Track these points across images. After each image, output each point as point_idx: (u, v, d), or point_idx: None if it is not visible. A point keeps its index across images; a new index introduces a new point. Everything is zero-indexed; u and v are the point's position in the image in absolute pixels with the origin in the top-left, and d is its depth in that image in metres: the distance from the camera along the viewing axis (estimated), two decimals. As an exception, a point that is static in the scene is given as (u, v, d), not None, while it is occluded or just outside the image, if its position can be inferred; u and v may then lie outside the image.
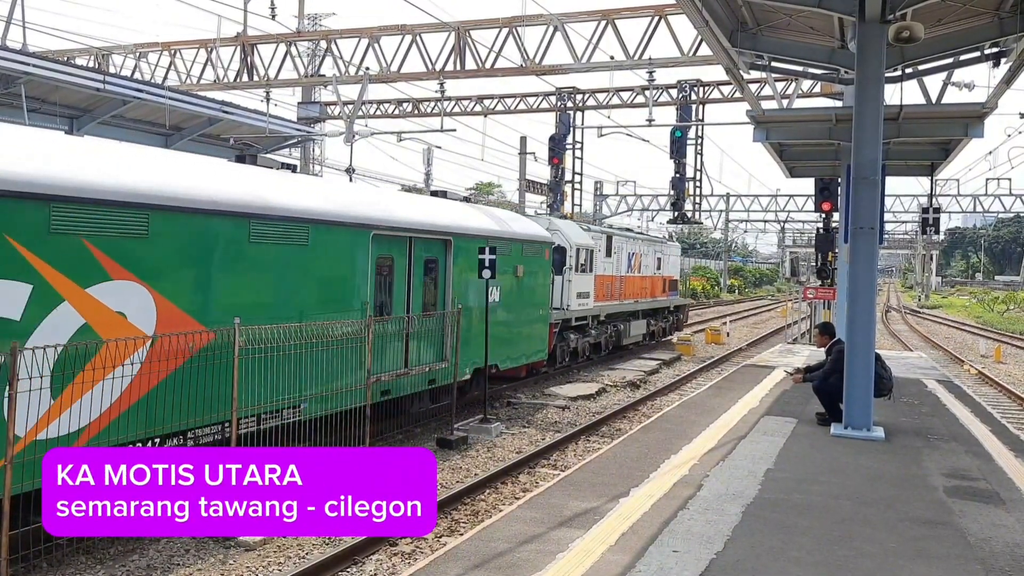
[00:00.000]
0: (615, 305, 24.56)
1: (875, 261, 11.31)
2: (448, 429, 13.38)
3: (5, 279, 7.22)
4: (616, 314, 24.53)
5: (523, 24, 23.58)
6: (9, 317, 7.21)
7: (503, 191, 65.00)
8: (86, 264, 7.84)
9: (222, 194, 9.46)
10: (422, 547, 8.47)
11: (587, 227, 24.15)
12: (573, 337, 21.37)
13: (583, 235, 22.42)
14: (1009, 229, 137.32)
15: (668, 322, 30.35)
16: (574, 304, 21.27)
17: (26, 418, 7.01)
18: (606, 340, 23.70)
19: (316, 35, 28.04)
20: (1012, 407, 18.83)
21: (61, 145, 8.55)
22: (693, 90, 29.11)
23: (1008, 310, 59.19)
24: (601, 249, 23.63)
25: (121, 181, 8.33)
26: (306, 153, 36.17)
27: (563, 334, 20.60)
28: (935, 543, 6.78)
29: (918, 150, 18.30)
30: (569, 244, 21.16)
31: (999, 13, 11.92)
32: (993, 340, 35.18)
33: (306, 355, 10.03)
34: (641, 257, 27.91)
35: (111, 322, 8.00)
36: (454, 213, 15.06)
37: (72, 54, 28.60)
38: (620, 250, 25.67)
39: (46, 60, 20.62)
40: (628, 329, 25.32)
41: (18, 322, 7.27)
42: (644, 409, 17.06)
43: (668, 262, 31.77)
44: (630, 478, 8.81)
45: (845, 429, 11.02)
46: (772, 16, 12.66)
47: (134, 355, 8.00)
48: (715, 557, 6.27)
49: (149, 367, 8.19)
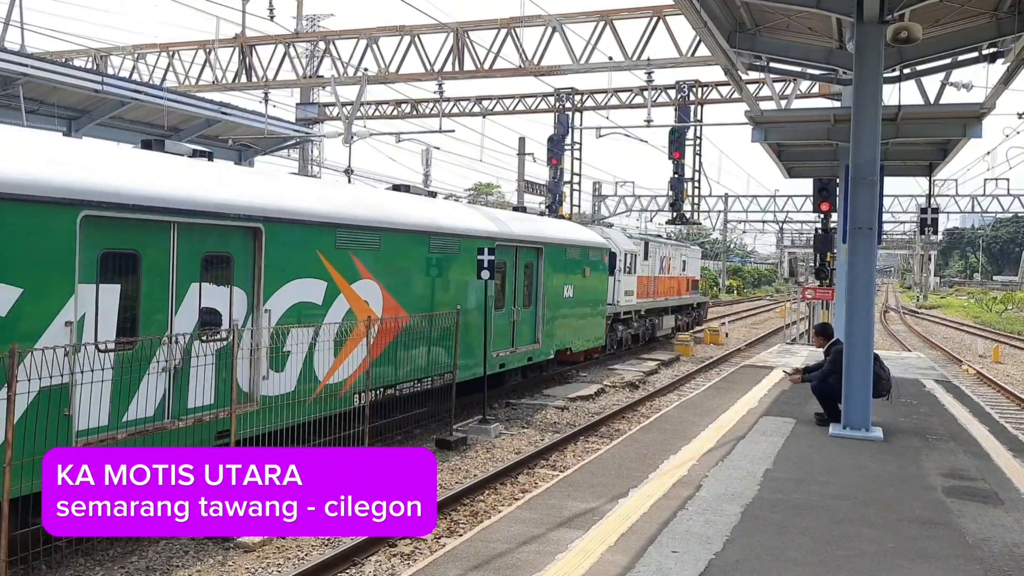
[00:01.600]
0: (651, 302, 28.31)
1: (873, 261, 11.32)
2: (447, 430, 13.38)
3: (314, 278, 11.00)
4: (651, 310, 28.40)
5: (521, 25, 23.60)
6: (314, 302, 10.95)
7: (502, 192, 65.00)
8: (351, 268, 11.70)
9: (417, 219, 13.69)
10: (421, 548, 8.47)
11: (629, 235, 28.32)
12: (620, 328, 25.08)
13: (628, 241, 26.32)
14: (1007, 229, 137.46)
15: (691, 317, 34.50)
16: (622, 301, 25.04)
17: (323, 368, 10.92)
18: (644, 332, 27.50)
19: (314, 36, 28.04)
20: (1010, 407, 18.86)
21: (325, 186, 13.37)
22: (691, 91, 29.12)
23: (1006, 310, 59.27)
24: (640, 253, 27.35)
25: (371, 215, 12.49)
26: (304, 154, 36.17)
27: (613, 326, 24.00)
28: (934, 543, 6.79)
29: (916, 150, 18.32)
30: (619, 250, 24.70)
31: (997, 13, 11.93)
32: (991, 340, 35.21)
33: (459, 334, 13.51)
34: (670, 260, 32.04)
35: (361, 307, 11.87)
36: (542, 226, 19.12)
37: (70, 55, 28.59)
38: (654, 254, 29.47)
39: (44, 61, 20.61)
40: (661, 323, 29.58)
41: (319, 306, 11.04)
42: (643, 410, 17.07)
43: (691, 264, 35.68)
44: (629, 479, 8.81)
45: (844, 429, 11.03)
46: (770, 17, 12.67)
47: (372, 330, 11.25)
48: (714, 557, 6.28)
49: (373, 339, 11.33)
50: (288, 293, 10.49)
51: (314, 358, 10.76)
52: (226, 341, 9.34)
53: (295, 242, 10.63)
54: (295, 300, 10.59)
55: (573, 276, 19.69)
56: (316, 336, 10.82)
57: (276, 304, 10.24)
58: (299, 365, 10.53)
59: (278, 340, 10.09)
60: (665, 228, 51.75)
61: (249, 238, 9.90)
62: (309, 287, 10.90)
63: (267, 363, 9.98)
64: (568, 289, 19.44)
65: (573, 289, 19.69)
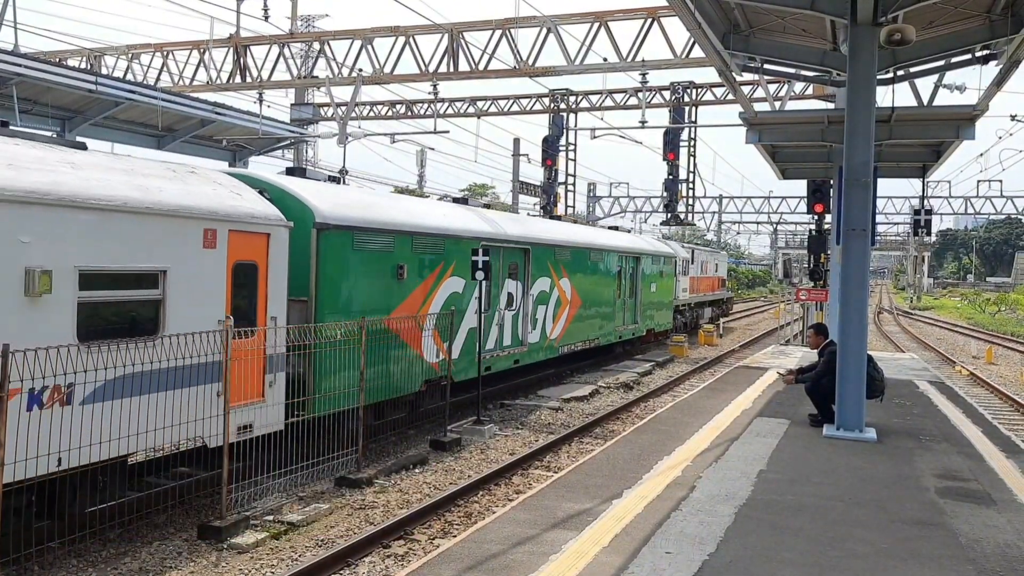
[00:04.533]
0: (697, 296, 36.64)
1: (867, 262, 11.34)
2: (441, 431, 13.37)
3: (546, 277, 18.97)
4: (697, 303, 36.86)
5: (516, 26, 23.58)
6: (545, 291, 18.89)
7: (496, 192, 64.95)
8: (559, 271, 19.70)
9: (584, 239, 22.25)
10: (415, 549, 8.46)
11: (682, 244, 36.35)
12: (677, 316, 32.60)
13: (682, 250, 34.30)
14: (1000, 231, 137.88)
15: (722, 309, 43.48)
16: (680, 296, 33.00)
17: (549, 328, 19.31)
18: (691, 320, 35.59)
19: (309, 36, 27.99)
20: (1003, 408, 18.92)
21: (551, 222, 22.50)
22: (686, 92, 29.17)
23: (999, 311, 59.50)
24: (689, 258, 35.19)
25: (568, 239, 20.77)
26: (299, 155, 36.12)
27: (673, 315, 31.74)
28: (927, 544, 6.80)
29: (910, 152, 18.38)
30: (678, 256, 32.45)
31: (990, 16, 11.96)
32: (984, 341, 35.32)
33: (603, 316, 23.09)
34: (707, 263, 39.90)
35: (564, 295, 20.16)
36: (641, 242, 28.56)
37: (64, 55, 28.51)
38: (698, 259, 37.47)
39: (38, 61, 20.53)
40: (702, 313, 38.03)
41: (548, 293, 18.97)
42: (637, 410, 17.09)
43: (721, 266, 44.45)
44: (623, 479, 8.82)
45: (837, 430, 11.05)
46: (764, 18, 12.69)
47: (567, 306, 20.16)
48: (708, 558, 6.29)
49: (568, 313, 20.34)
50: (538, 285, 18.79)
51: (546, 323, 19.32)
52: (517, 310, 17.82)
53: (541, 256, 18.91)
54: (540, 289, 18.88)
55: (656, 277, 28.26)
56: (547, 310, 19.28)
57: (533, 291, 18.52)
58: (540, 326, 18.99)
59: (533, 312, 18.54)
60: (659, 229, 51.81)
61: (523, 254, 18.09)
62: (544, 282, 19.19)
63: (530, 324, 18.38)
64: (653, 286, 27.93)
65: (655, 287, 28.22)
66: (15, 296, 7.10)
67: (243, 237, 9.66)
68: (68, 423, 7.39)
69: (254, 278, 9.90)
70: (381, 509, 9.86)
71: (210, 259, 9.19)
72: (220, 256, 9.32)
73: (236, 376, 9.03)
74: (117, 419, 7.85)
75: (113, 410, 7.82)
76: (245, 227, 9.65)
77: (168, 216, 8.63)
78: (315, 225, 11.28)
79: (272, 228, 10.10)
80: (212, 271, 9.23)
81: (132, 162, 9.37)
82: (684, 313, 33.96)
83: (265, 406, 9.92)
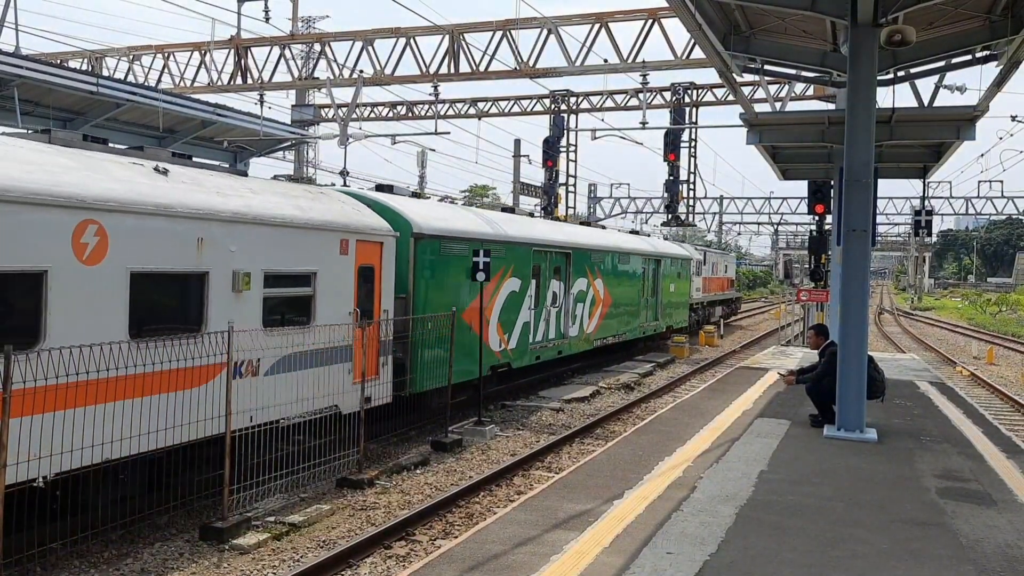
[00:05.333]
0: (708, 296, 38.89)
1: (868, 263, 11.34)
2: (443, 431, 13.38)
3: (583, 277, 21.39)
4: (709, 302, 39.18)
5: (517, 27, 23.60)
6: (583, 291, 21.52)
7: (497, 193, 64.94)
8: (593, 272, 22.16)
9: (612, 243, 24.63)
10: (416, 550, 8.47)
11: (696, 247, 39.45)
12: (692, 315, 34.77)
13: (696, 252, 36.95)
14: (1001, 231, 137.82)
15: (731, 308, 46.52)
16: (695, 295, 35.41)
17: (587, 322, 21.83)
18: (704, 317, 37.90)
19: (310, 38, 28.04)
20: (1004, 409, 18.91)
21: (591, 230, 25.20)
22: (686, 93, 29.17)
23: (1000, 312, 59.46)
24: (702, 260, 37.55)
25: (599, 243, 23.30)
26: (300, 156, 36.12)
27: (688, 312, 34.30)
28: (928, 544, 6.81)
29: (910, 153, 18.37)
30: (694, 258, 35.11)
31: (990, 16, 11.96)
32: (985, 342, 35.30)
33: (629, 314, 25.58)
34: (717, 265, 42.28)
35: (598, 294, 22.44)
36: (662, 246, 31.25)
37: (65, 57, 28.54)
38: (709, 261, 39.82)
39: (39, 63, 20.54)
40: (714, 311, 40.56)
41: (585, 292, 21.62)
42: (638, 411, 17.10)
43: (730, 267, 47.11)
44: (624, 480, 8.83)
45: (838, 431, 11.05)
46: (765, 19, 12.69)
47: (601, 304, 22.65)
48: (708, 559, 6.29)
49: (601, 310, 22.75)
50: (577, 285, 21.00)
51: (583, 319, 21.56)
52: (560, 307, 20.04)
53: (579, 260, 21.25)
54: (578, 289, 21.12)
55: (674, 278, 30.70)
56: (584, 308, 21.50)
57: (573, 291, 20.79)
58: (579, 321, 21.23)
59: (573, 309, 20.69)
60: (660, 230, 51.84)
61: (565, 258, 20.43)
62: (582, 283, 21.48)
63: (570, 320, 20.58)
64: (672, 286, 30.38)
65: (674, 287, 30.82)
66: (227, 292, 9.43)
67: (365, 245, 12.05)
68: (257, 389, 9.69)
69: (372, 278, 12.26)
70: (382, 510, 9.87)
71: (344, 263, 11.59)
72: (350, 261, 11.71)
73: (360, 357, 11.43)
74: (284, 389, 10.14)
75: (284, 382, 10.16)
76: (366, 237, 12.07)
77: (318, 230, 11.06)
78: (412, 235, 13.70)
79: (384, 238, 12.56)
80: (345, 273, 11.61)
81: (284, 185, 11.94)
82: (697, 311, 36.29)
83: (380, 383, 12.26)
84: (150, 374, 8.28)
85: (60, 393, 7.18)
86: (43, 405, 7.09)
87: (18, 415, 6.75)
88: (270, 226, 10.11)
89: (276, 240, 10.22)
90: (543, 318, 19.08)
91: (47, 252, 7.43)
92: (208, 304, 9.20)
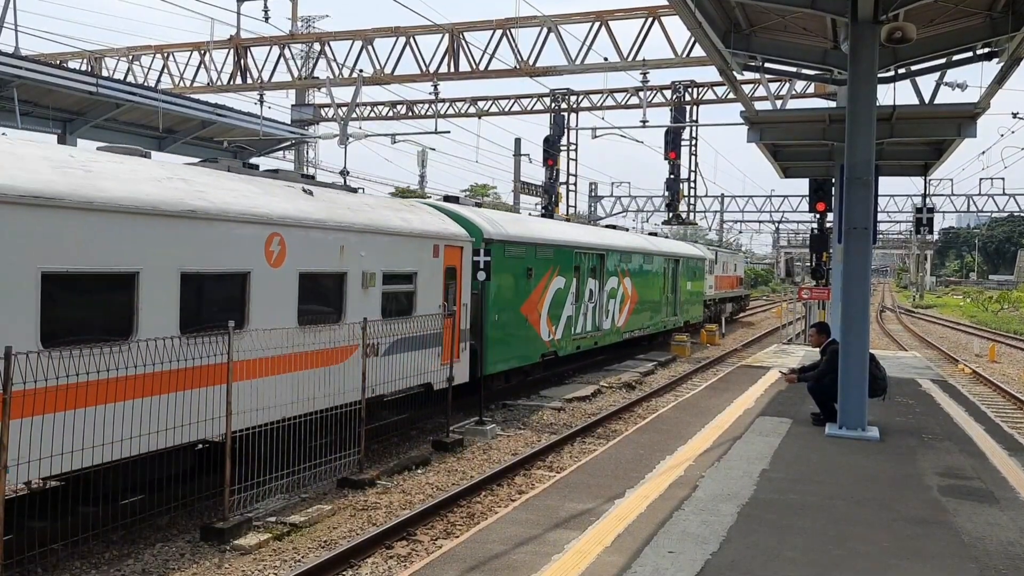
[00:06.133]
0: (719, 293, 41.26)
1: (869, 261, 11.31)
2: (444, 431, 13.37)
3: (614, 276, 23.72)
4: (721, 299, 41.45)
5: (517, 26, 23.59)
6: (615, 288, 23.67)
7: (498, 193, 64.90)
8: (621, 271, 24.41)
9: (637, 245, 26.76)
10: (418, 550, 8.46)
11: (708, 247, 41.13)
12: (705, 311, 36.57)
13: (708, 252, 38.86)
14: (1003, 229, 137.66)
15: (739, 305, 49.07)
16: (708, 292, 37.48)
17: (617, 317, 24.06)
18: (716, 313, 39.56)
19: (309, 37, 28.02)
20: (1006, 406, 18.88)
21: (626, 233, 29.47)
22: (687, 91, 29.15)
23: (1002, 309, 59.42)
24: (714, 259, 39.69)
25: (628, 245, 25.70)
26: (300, 155, 36.11)
27: None
28: (930, 542, 6.79)
29: (911, 150, 18.33)
30: (707, 258, 37.26)
31: (991, 13, 11.92)
32: (987, 339, 35.28)
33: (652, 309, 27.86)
34: (727, 263, 44.59)
35: (627, 291, 24.88)
36: (678, 247, 32.90)
37: (65, 57, 28.54)
38: (720, 260, 41.91)
39: (39, 63, 20.54)
40: (724, 308, 42.20)
41: (616, 289, 23.76)
42: (639, 410, 17.07)
43: (739, 266, 49.59)
44: (626, 479, 8.81)
45: (840, 429, 11.03)
46: (765, 17, 12.66)
47: (628, 301, 25.04)
48: (710, 558, 6.28)
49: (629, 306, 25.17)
50: (609, 283, 22.98)
51: (615, 313, 23.54)
52: (595, 303, 21.94)
53: (613, 259, 23.40)
54: (610, 286, 23.09)
55: (690, 277, 32.78)
56: (615, 303, 23.44)
57: (606, 288, 22.70)
58: (611, 316, 23.29)
59: (606, 304, 22.68)
60: (661, 228, 51.80)
61: (599, 258, 22.46)
62: (614, 281, 23.44)
63: (604, 314, 22.61)
64: (689, 284, 32.49)
65: (691, 285, 32.92)
66: (359, 288, 11.60)
67: (450, 249, 14.31)
68: (379, 367, 11.69)
69: (455, 277, 14.54)
70: (384, 510, 9.85)
71: (436, 265, 13.81)
72: (440, 263, 13.97)
73: (448, 343, 13.76)
74: (396, 367, 12.28)
75: (395, 361, 12.30)
76: (451, 242, 14.35)
77: (418, 237, 13.27)
78: (484, 239, 15.74)
79: (464, 243, 14.82)
80: (436, 272, 13.85)
81: (389, 201, 15.18)
82: (710, 307, 38.52)
83: (460, 365, 14.49)
84: (311, 353, 10.49)
85: (259, 365, 9.54)
86: (247, 373, 9.21)
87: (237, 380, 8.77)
88: (387, 235, 12.30)
89: (390, 246, 12.38)
90: (582, 312, 21.26)
91: (249, 257, 9.61)
92: (346, 298, 11.37)
